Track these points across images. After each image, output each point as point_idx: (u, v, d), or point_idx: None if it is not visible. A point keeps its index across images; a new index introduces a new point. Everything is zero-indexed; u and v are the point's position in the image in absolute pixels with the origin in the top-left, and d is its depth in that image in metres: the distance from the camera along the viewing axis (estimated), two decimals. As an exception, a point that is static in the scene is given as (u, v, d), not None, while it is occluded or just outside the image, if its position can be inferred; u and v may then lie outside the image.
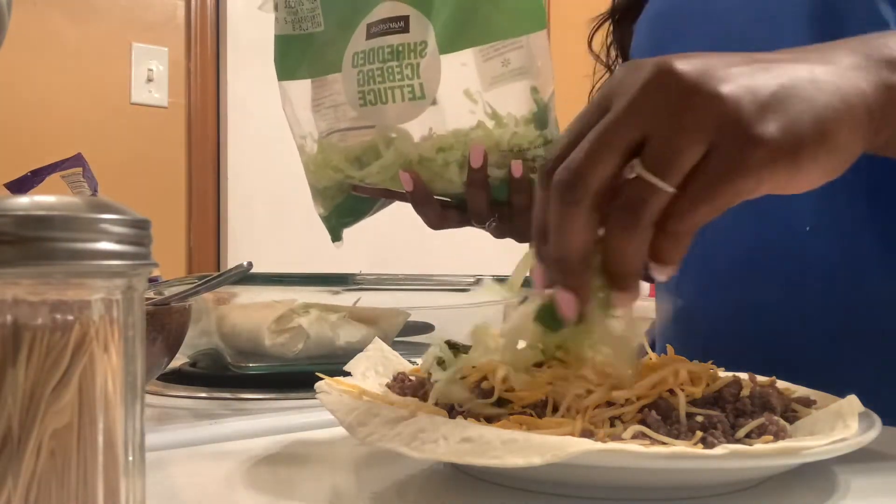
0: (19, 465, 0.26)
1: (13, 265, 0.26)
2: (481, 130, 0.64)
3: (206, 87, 2.11)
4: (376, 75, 0.65)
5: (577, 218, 0.37)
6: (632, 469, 0.35)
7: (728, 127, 0.36)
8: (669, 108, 0.36)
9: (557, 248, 0.38)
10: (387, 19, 0.64)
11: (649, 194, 0.36)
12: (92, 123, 1.96)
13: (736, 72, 0.37)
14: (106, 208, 0.28)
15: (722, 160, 0.36)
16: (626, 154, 0.37)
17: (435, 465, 0.44)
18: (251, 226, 2.16)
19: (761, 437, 0.39)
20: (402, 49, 0.64)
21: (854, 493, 0.40)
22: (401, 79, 0.64)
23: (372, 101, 0.66)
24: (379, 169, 0.67)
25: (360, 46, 0.66)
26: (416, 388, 0.48)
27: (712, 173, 0.36)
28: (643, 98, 0.37)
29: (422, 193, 0.68)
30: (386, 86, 0.65)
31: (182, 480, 0.44)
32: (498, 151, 0.64)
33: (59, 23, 1.93)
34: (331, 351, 0.73)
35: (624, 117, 0.37)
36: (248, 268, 0.58)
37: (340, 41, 0.67)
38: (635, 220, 0.37)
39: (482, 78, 0.64)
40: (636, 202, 0.37)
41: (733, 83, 0.36)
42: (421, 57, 0.63)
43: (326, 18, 0.68)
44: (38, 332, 0.27)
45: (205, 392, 0.68)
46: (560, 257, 0.39)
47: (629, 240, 0.37)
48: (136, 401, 0.29)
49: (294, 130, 0.74)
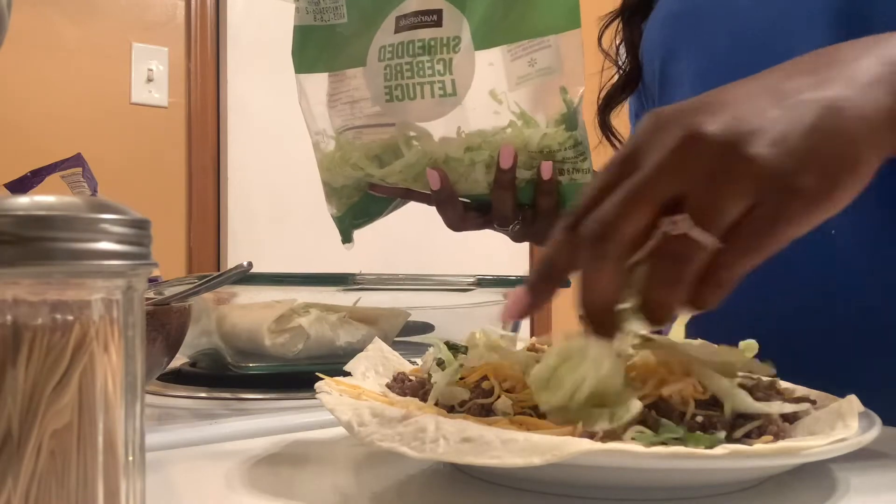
0: (19, 465, 0.26)
1: (13, 265, 0.26)
2: (512, 130, 0.62)
3: (206, 87, 2.11)
4: (405, 70, 0.63)
5: (608, 271, 0.38)
6: (632, 469, 0.35)
7: (766, 184, 0.36)
8: (705, 172, 0.37)
9: (587, 298, 0.39)
10: (419, 12, 0.63)
11: (695, 250, 0.37)
12: (92, 123, 1.96)
13: (764, 122, 0.37)
14: (106, 208, 0.28)
15: (765, 215, 0.37)
16: (659, 210, 0.37)
17: (435, 465, 0.44)
18: (251, 226, 2.16)
19: (761, 437, 0.39)
20: (434, 44, 0.62)
21: (854, 492, 0.40)
22: (431, 74, 0.62)
23: (399, 96, 0.64)
24: (402, 167, 0.66)
25: (389, 40, 0.64)
26: (416, 388, 0.48)
27: (757, 227, 0.37)
28: (676, 160, 0.37)
29: (447, 193, 0.67)
30: (415, 81, 0.63)
31: (182, 480, 0.44)
32: (526, 152, 0.62)
33: (59, 23, 1.93)
34: (331, 351, 0.73)
35: (658, 175, 0.37)
36: (248, 268, 0.58)
37: (365, 34, 0.65)
38: (679, 275, 0.37)
39: (508, 78, 0.63)
40: (681, 257, 0.37)
41: (764, 139, 0.37)
42: (454, 52, 0.62)
43: (350, 10, 0.67)
44: (38, 332, 0.27)
45: (205, 392, 0.68)
46: (590, 307, 0.39)
47: (672, 293, 0.38)
48: (136, 401, 0.29)
49: (310, 126, 0.72)
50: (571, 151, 0.63)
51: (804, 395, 0.47)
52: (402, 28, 0.64)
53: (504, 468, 0.34)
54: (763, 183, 0.36)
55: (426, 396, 0.45)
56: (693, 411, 0.40)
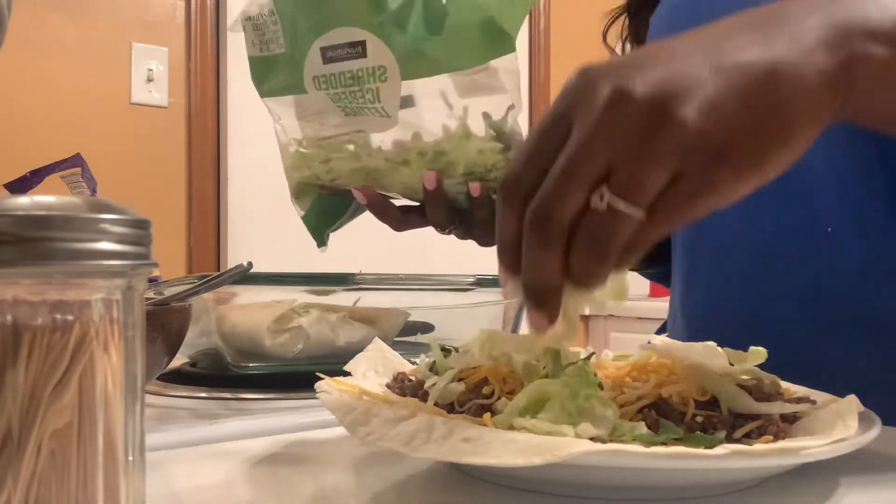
0: (19, 465, 0.26)
1: (13, 265, 0.26)
2: (447, 143, 0.64)
3: (206, 87, 2.11)
4: (342, 97, 0.66)
5: (550, 254, 0.38)
6: (632, 469, 0.35)
7: (692, 151, 0.36)
8: (632, 136, 0.36)
9: (531, 279, 0.39)
10: (344, 45, 0.64)
11: (619, 222, 0.36)
12: (92, 123, 1.96)
13: (696, 84, 0.36)
14: (106, 208, 0.28)
15: (689, 183, 0.36)
16: (592, 186, 0.37)
17: (435, 465, 0.44)
18: (251, 226, 2.16)
19: (761, 437, 0.39)
20: (361, 74, 0.64)
21: (854, 492, 0.40)
22: (363, 102, 0.65)
23: (351, 112, 0.67)
24: (340, 173, 0.68)
25: (320, 70, 0.66)
26: (416, 388, 0.48)
27: (681, 196, 0.36)
28: (604, 125, 0.36)
29: (379, 203, 0.68)
30: (356, 105, 0.66)
31: (182, 480, 0.44)
32: (462, 166, 0.64)
33: (59, 23, 1.93)
34: (331, 351, 0.73)
35: (587, 147, 0.36)
36: (248, 268, 0.58)
37: (299, 63, 0.67)
38: (607, 249, 0.37)
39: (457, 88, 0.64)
40: (607, 231, 0.37)
41: (693, 102, 0.35)
42: (381, 81, 0.63)
43: (286, 40, 0.68)
44: (38, 332, 0.27)
45: (205, 392, 0.68)
46: (534, 288, 0.39)
47: (601, 267, 0.38)
48: (136, 401, 0.29)
49: (280, 139, 0.74)
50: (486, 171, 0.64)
51: (804, 396, 0.47)
52: (330, 60, 0.65)
53: (504, 468, 0.34)
54: (689, 149, 0.35)
55: (426, 396, 0.45)
56: (693, 411, 0.40)
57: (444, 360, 0.48)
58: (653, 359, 0.47)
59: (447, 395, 0.44)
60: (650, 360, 0.47)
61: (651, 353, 0.47)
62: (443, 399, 0.44)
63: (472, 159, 0.63)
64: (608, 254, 0.37)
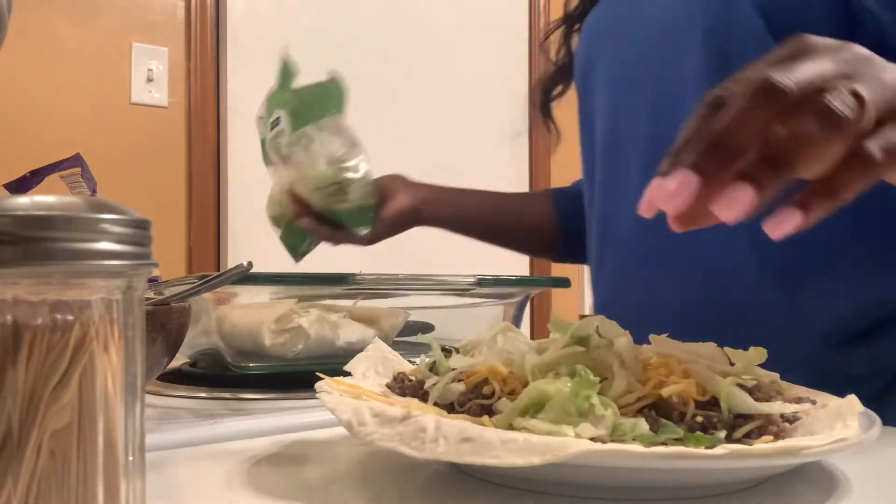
0: (19, 465, 0.26)
1: (13, 265, 0.26)
2: (310, 171, 0.95)
3: (206, 87, 2.11)
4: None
5: (765, 114, 0.38)
6: (632, 469, 0.35)
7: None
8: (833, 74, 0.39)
9: (726, 129, 0.38)
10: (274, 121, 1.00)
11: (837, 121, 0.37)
12: (92, 123, 1.96)
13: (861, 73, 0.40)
14: (106, 208, 0.28)
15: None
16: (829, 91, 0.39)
17: (435, 465, 0.44)
18: (251, 226, 2.16)
19: (761, 437, 0.39)
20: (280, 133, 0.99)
21: (854, 492, 0.40)
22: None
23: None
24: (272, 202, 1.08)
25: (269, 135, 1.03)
26: (416, 388, 0.48)
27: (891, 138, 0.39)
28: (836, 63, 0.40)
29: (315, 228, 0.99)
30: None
31: (182, 480, 0.44)
32: (313, 188, 0.95)
33: (59, 23, 1.93)
34: (331, 351, 0.73)
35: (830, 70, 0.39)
36: (248, 268, 0.58)
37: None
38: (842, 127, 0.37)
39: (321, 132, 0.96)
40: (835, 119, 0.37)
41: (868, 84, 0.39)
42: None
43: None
44: (38, 332, 0.27)
45: (205, 392, 0.68)
46: (719, 135, 0.38)
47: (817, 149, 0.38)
48: (136, 401, 0.29)
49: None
50: (335, 188, 0.94)
51: (804, 395, 0.47)
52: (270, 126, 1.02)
53: (504, 468, 0.34)
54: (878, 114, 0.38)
55: (426, 396, 0.45)
56: (693, 411, 0.40)
57: (446, 360, 0.48)
58: (653, 359, 0.47)
59: (447, 395, 0.44)
60: (650, 360, 0.47)
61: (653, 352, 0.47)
62: (443, 399, 0.44)
63: (315, 180, 0.95)
64: (831, 140, 0.37)
